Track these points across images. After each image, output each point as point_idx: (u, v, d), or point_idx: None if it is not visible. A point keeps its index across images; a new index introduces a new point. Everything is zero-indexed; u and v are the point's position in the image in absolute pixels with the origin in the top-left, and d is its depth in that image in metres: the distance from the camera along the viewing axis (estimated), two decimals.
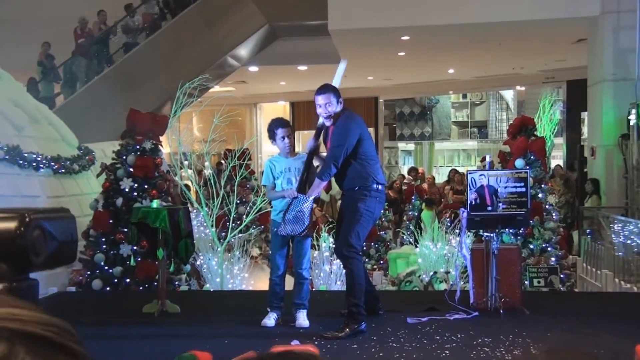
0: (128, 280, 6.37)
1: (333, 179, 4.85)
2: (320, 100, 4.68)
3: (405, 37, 10.94)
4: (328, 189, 6.70)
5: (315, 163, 4.91)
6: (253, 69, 14.51)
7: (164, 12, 12.72)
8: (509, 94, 20.31)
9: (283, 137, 4.81)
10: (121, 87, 11.74)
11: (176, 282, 6.47)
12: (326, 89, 4.72)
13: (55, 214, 2.68)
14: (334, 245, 5.05)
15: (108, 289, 6.34)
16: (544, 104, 14.72)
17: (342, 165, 4.62)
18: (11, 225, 2.37)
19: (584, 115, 13.08)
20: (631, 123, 8.54)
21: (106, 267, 6.37)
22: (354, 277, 4.61)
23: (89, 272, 6.42)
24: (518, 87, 18.78)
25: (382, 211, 4.86)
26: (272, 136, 4.90)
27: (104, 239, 6.44)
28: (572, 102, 15.03)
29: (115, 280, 6.37)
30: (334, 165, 4.59)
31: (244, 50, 13.16)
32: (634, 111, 8.42)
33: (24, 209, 2.49)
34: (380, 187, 4.72)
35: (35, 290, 2.96)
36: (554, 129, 14.83)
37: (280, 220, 4.74)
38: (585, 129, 13.66)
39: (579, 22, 9.70)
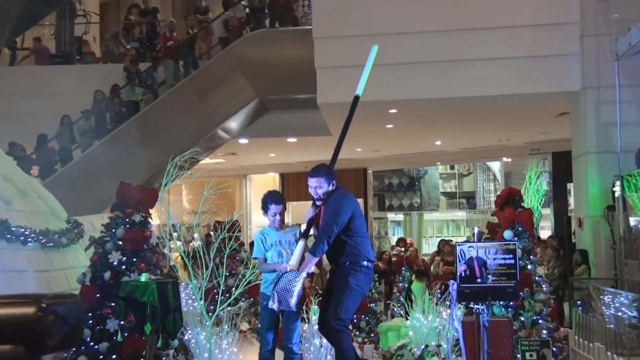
0: (114, 356, 6.22)
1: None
2: (311, 182, 4.79)
3: (393, 110, 11.17)
4: (320, 263, 6.71)
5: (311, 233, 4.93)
6: (243, 141, 14.67)
7: (249, 18, 13.09)
8: (495, 165, 20.60)
9: (275, 214, 4.87)
10: (113, 159, 11.81)
11: (163, 358, 6.33)
12: (318, 172, 4.82)
13: (66, 299, 2.76)
14: (318, 318, 5.00)
15: None
16: (530, 175, 14.93)
17: (334, 241, 4.66)
18: (29, 310, 2.45)
19: (570, 186, 13.25)
20: (616, 195, 8.65)
21: (92, 343, 6.24)
22: (343, 351, 4.58)
23: (74, 349, 6.28)
24: (504, 159, 19.07)
25: (370, 287, 4.94)
26: (264, 208, 4.94)
27: (90, 314, 6.32)
28: (558, 173, 15.24)
29: (101, 357, 6.22)
30: (326, 241, 4.64)
31: (234, 123, 13.35)
32: (618, 183, 8.55)
33: (38, 295, 2.59)
34: (370, 264, 4.78)
35: None
36: (541, 200, 14.97)
37: (270, 293, 4.71)
38: (571, 200, 13.81)
39: (561, 96, 9.97)
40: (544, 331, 6.84)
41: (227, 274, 7.42)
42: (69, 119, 12.43)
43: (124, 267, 6.41)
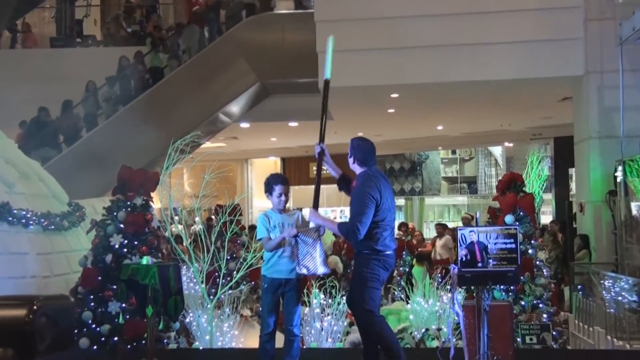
0: (116, 338, 6.26)
1: (327, 237, 4.91)
2: None
3: (395, 95, 11.13)
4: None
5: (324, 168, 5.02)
6: (244, 125, 14.64)
7: None
8: (497, 150, 20.58)
9: (280, 194, 4.89)
10: (114, 143, 11.79)
11: (165, 340, 6.37)
12: (352, 140, 4.96)
13: (58, 301, 2.73)
14: (346, 300, 5.12)
15: (95, 347, 6.23)
16: (532, 160, 14.90)
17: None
18: (20, 312, 2.40)
19: (572, 171, 13.23)
20: (618, 180, 8.65)
21: (94, 326, 6.27)
22: (385, 339, 4.63)
23: (75, 331, 6.31)
24: (506, 144, 19.04)
25: (388, 272, 4.95)
26: (268, 190, 4.95)
27: (92, 297, 6.35)
28: (559, 158, 15.22)
29: (103, 339, 6.26)
30: (357, 230, 4.63)
31: (235, 107, 13.31)
32: (620, 168, 8.54)
33: (30, 296, 2.54)
34: (384, 252, 4.75)
35: None
36: (543, 185, 14.97)
37: (271, 276, 4.74)
38: (573, 185, 13.81)
39: (564, 81, 9.93)
40: (544, 315, 6.87)
41: (228, 257, 7.43)
42: (93, 85, 12.36)
43: (125, 250, 6.43)
